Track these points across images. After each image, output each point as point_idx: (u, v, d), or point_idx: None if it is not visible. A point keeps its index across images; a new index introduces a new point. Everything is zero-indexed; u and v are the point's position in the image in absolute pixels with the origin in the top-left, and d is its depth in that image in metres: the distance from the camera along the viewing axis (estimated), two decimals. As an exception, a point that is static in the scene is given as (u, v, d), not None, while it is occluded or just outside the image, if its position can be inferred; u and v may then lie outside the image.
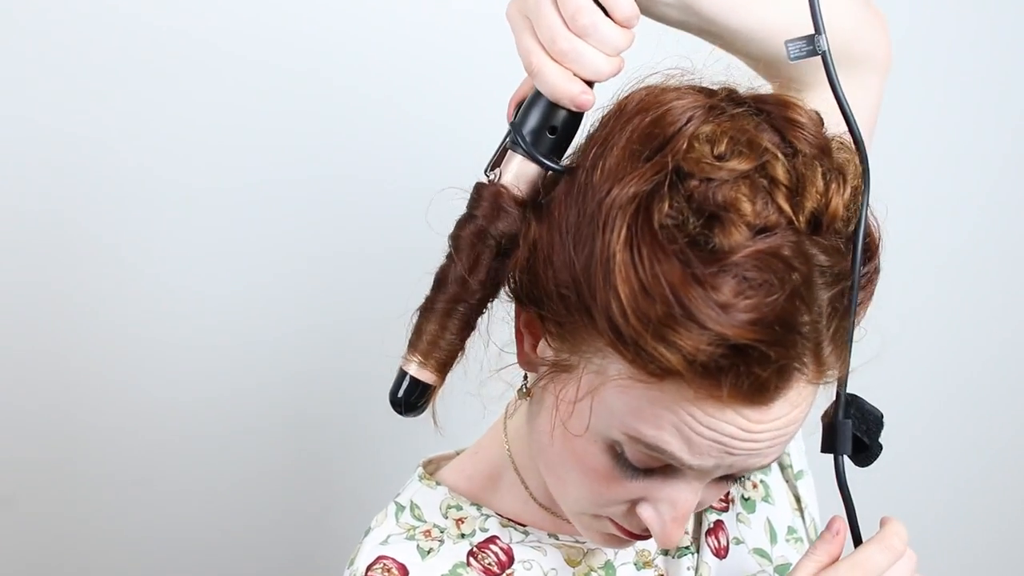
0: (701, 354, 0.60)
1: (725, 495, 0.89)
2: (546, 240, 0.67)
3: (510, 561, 0.82)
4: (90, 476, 1.34)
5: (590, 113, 0.70)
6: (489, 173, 0.70)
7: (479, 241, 0.69)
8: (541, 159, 0.69)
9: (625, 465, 0.68)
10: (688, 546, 0.86)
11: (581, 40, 0.66)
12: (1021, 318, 1.64)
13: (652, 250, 0.61)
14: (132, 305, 1.31)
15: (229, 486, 1.38)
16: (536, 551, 0.83)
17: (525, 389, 0.76)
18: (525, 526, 0.84)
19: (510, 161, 0.70)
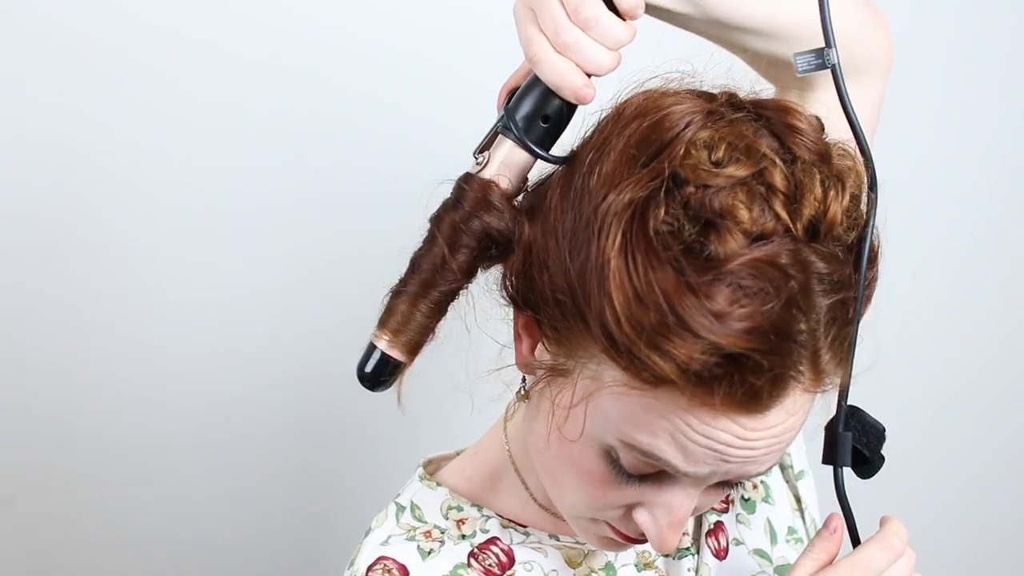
0: (694, 363, 0.59)
1: (725, 496, 0.89)
2: (541, 244, 0.67)
3: (511, 562, 0.82)
4: (90, 477, 1.34)
5: (588, 114, 0.70)
6: (478, 156, 0.70)
7: (461, 229, 0.68)
8: (531, 146, 0.69)
9: (620, 471, 0.68)
10: (688, 547, 0.86)
11: (583, 33, 0.65)
12: (1021, 318, 1.64)
13: (647, 257, 0.60)
14: (132, 307, 1.31)
15: (229, 487, 1.38)
16: (537, 552, 0.82)
17: (523, 391, 0.76)
18: (526, 527, 0.83)
19: (500, 146, 0.69)
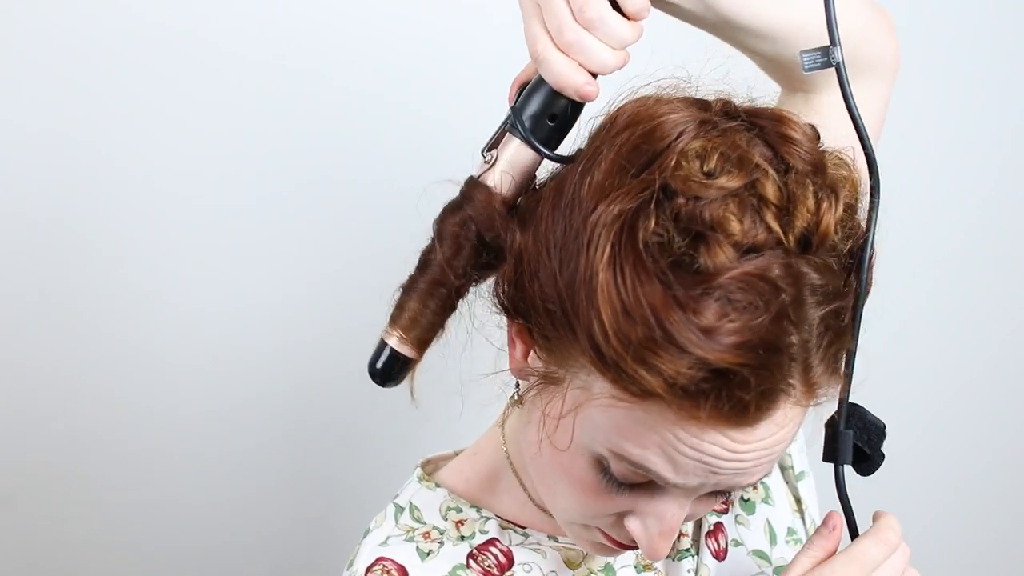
0: (682, 377, 0.59)
1: (722, 501, 0.88)
2: (533, 253, 0.66)
3: (510, 563, 0.82)
4: (90, 477, 1.34)
5: (593, 110, 0.69)
6: (486, 154, 0.70)
7: (463, 234, 0.68)
8: (538, 146, 0.69)
9: (611, 479, 0.68)
10: (688, 548, 0.86)
11: (587, 32, 0.65)
12: (1021, 318, 1.64)
13: (635, 271, 0.60)
14: (132, 307, 1.31)
15: (229, 488, 1.38)
16: (536, 553, 0.82)
17: (517, 396, 0.76)
18: (524, 528, 0.83)
19: (507, 144, 0.70)
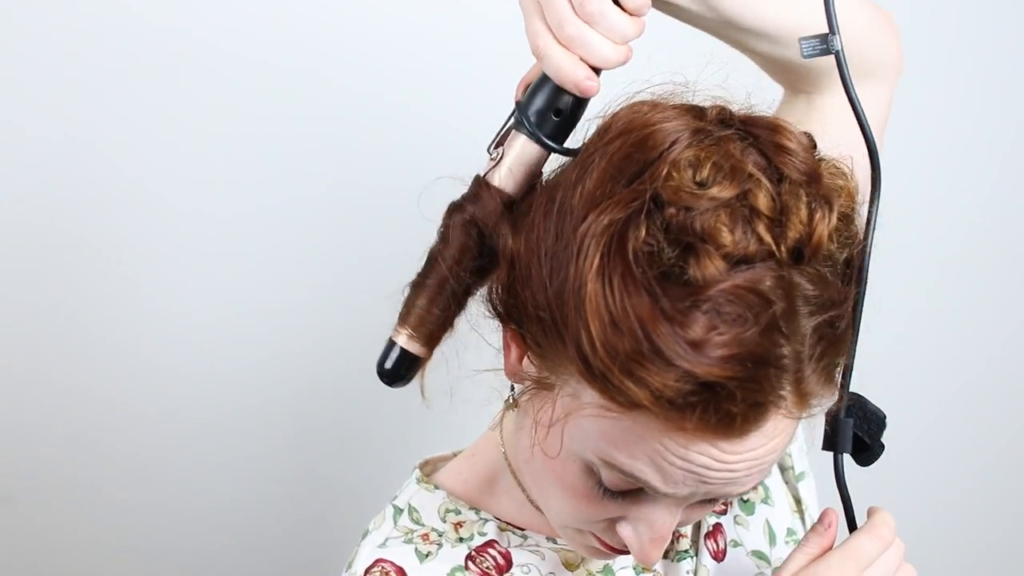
0: (668, 390, 0.58)
1: (718, 507, 0.88)
2: (524, 260, 0.66)
3: (508, 565, 0.82)
4: (90, 478, 1.34)
5: (595, 111, 0.69)
6: (493, 151, 0.70)
7: (467, 234, 0.68)
8: (545, 140, 0.68)
9: (602, 486, 0.68)
10: (687, 549, 0.86)
11: (588, 27, 0.65)
12: (1021, 318, 1.64)
13: (623, 282, 0.59)
14: (133, 309, 1.31)
15: (228, 489, 1.38)
16: (534, 555, 0.82)
17: (512, 399, 0.75)
18: (523, 530, 0.83)
19: (513, 141, 0.69)
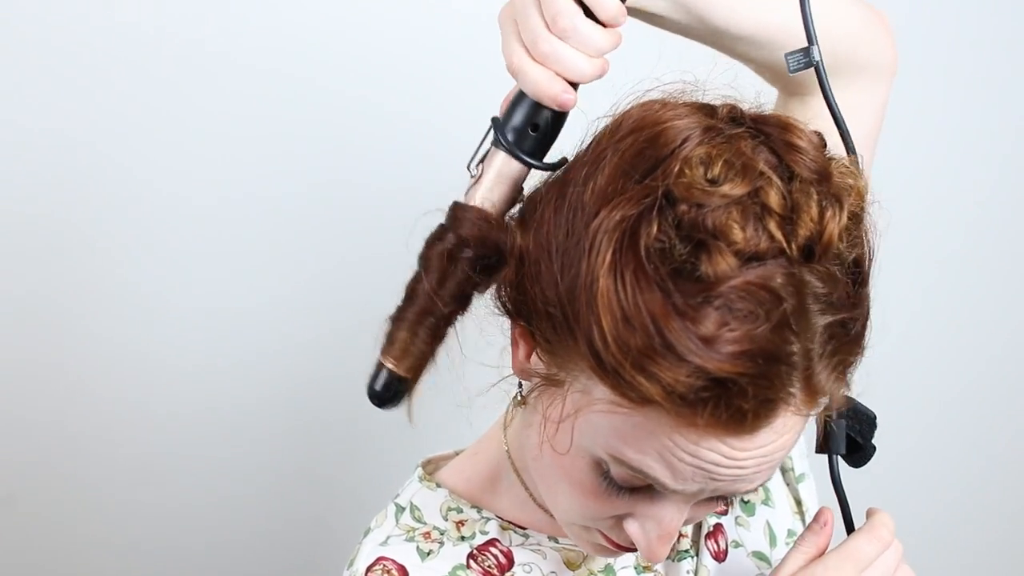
0: (680, 386, 0.59)
1: (722, 505, 0.88)
2: (534, 256, 0.66)
3: (510, 564, 0.82)
4: (90, 476, 1.34)
5: (583, 119, 0.69)
6: (473, 169, 0.70)
7: (448, 262, 0.68)
8: (523, 157, 0.68)
9: (611, 483, 0.68)
10: (687, 549, 0.86)
11: (562, 42, 0.65)
12: (1021, 318, 1.64)
13: (635, 278, 0.60)
14: (133, 308, 1.31)
15: (229, 487, 1.38)
16: (536, 554, 0.82)
17: (520, 396, 0.75)
18: (525, 529, 0.83)
19: (493, 158, 0.70)
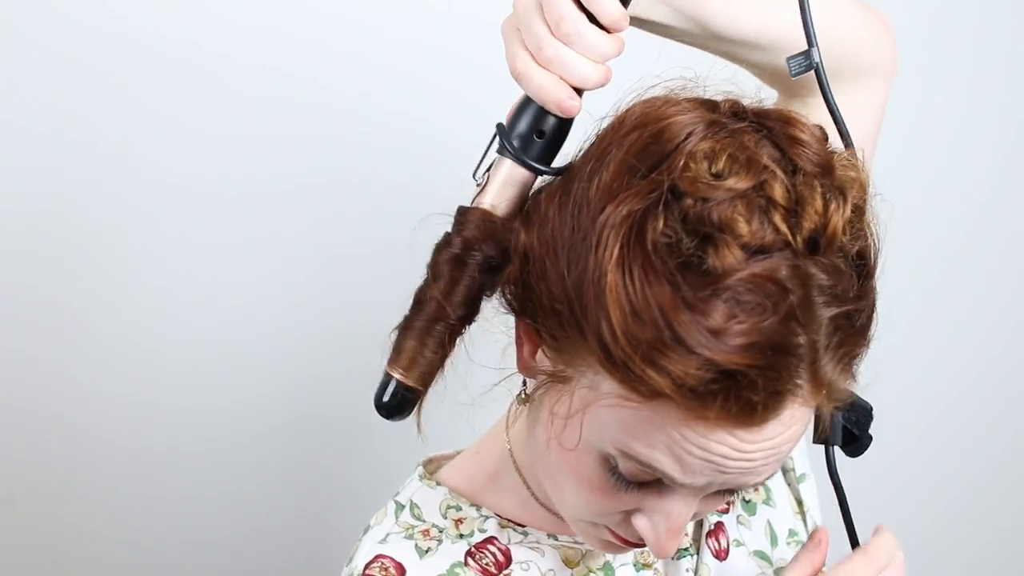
0: (690, 378, 0.59)
1: (726, 501, 0.88)
2: (539, 253, 0.66)
3: (508, 561, 0.82)
4: (90, 476, 1.34)
5: (589, 122, 0.69)
6: (479, 177, 0.70)
7: (457, 267, 0.68)
8: (530, 163, 0.68)
9: (619, 478, 0.68)
10: (688, 547, 0.86)
11: (566, 47, 0.65)
12: (1021, 318, 1.64)
13: (643, 272, 0.60)
14: (133, 307, 1.31)
15: (229, 486, 1.38)
16: (534, 552, 0.82)
17: (524, 395, 0.75)
18: (524, 527, 0.83)
19: (499, 165, 0.70)
